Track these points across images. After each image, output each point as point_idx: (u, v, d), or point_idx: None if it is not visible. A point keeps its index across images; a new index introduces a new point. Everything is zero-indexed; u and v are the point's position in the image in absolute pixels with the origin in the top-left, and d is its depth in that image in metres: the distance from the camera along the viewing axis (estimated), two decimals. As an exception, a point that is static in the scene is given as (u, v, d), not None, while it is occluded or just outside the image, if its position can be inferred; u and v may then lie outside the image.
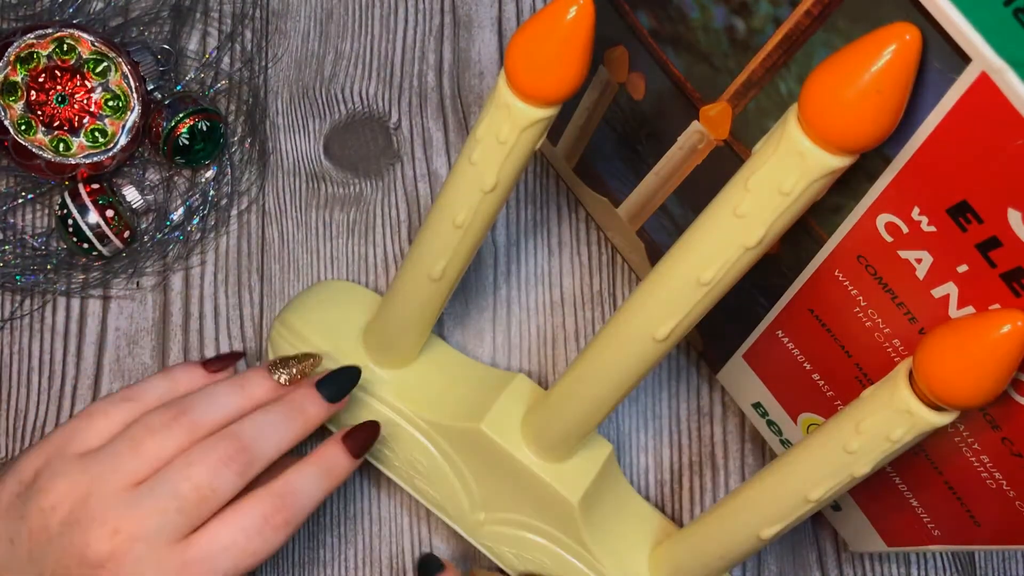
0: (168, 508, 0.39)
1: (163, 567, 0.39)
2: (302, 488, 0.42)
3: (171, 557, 0.39)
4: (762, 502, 0.43)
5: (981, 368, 0.35)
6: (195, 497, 0.39)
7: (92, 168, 0.53)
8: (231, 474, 0.40)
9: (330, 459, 0.43)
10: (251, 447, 0.41)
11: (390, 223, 0.56)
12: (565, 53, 0.36)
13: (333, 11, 0.59)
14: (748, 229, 0.37)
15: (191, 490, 0.39)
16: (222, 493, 0.40)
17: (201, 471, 0.40)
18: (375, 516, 0.52)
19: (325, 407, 0.44)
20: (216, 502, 0.40)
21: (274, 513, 0.41)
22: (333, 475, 0.43)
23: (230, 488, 0.40)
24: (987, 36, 0.31)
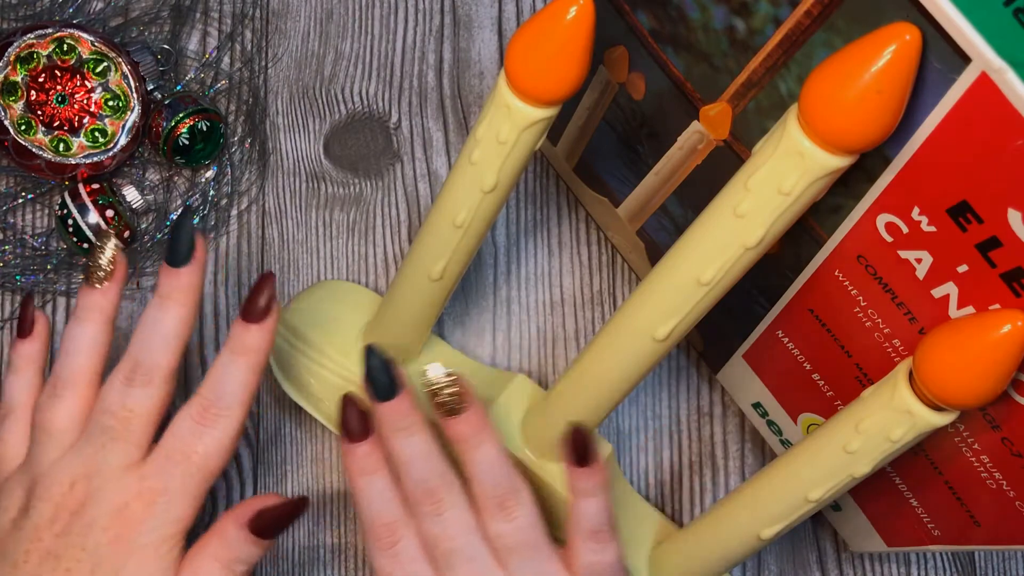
0: (104, 442, 0.41)
1: (123, 489, 0.41)
2: (219, 377, 0.42)
3: (128, 478, 0.41)
4: (762, 502, 0.43)
5: (981, 368, 0.35)
6: (118, 422, 0.41)
7: (92, 168, 0.53)
8: (138, 388, 0.41)
9: (235, 338, 0.42)
10: (141, 355, 0.42)
11: (390, 223, 0.56)
12: (565, 53, 0.36)
13: (333, 11, 0.59)
14: (748, 229, 0.37)
15: (111, 418, 0.41)
16: (141, 409, 0.41)
17: (111, 399, 0.41)
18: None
19: (185, 273, 0.42)
20: (141, 419, 0.41)
21: (202, 411, 0.42)
22: (245, 352, 0.42)
23: (146, 400, 0.42)
24: (987, 36, 0.31)
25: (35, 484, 0.41)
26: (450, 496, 0.41)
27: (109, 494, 0.41)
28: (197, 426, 0.42)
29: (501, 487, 0.42)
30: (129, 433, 0.41)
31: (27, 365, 0.45)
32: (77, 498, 0.41)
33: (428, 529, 0.41)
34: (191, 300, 0.43)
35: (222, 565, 0.41)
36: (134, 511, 0.40)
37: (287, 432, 0.53)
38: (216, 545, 0.42)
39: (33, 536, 0.40)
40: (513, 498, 0.42)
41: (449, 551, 0.41)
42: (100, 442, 0.41)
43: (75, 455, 0.41)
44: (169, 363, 0.42)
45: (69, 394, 0.42)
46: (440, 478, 0.42)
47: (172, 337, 0.42)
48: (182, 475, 0.41)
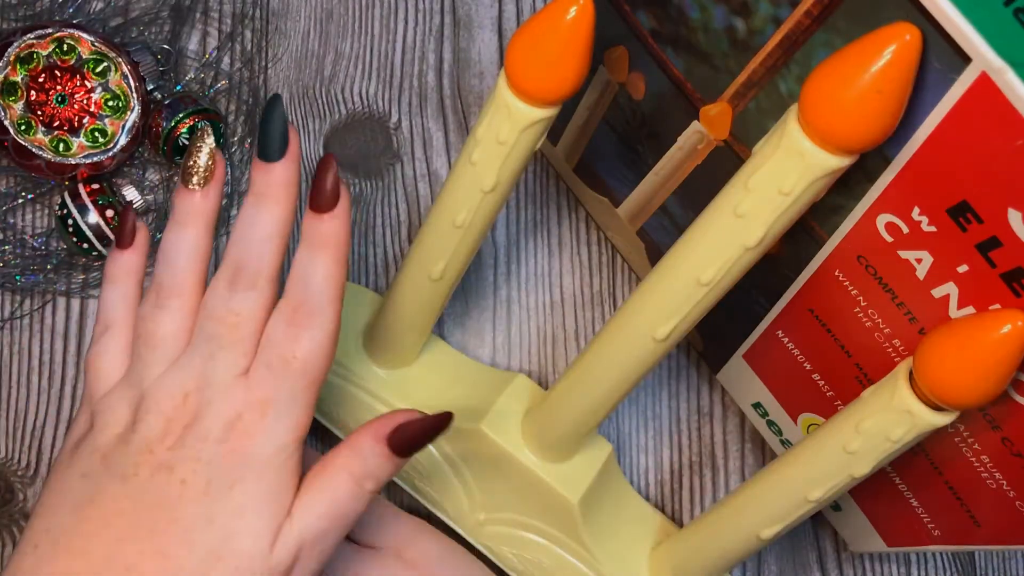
0: (213, 350, 0.39)
1: (233, 400, 0.39)
2: (303, 275, 0.40)
3: (236, 389, 0.39)
4: (762, 502, 0.43)
5: (981, 368, 0.35)
6: (225, 329, 0.39)
7: (92, 168, 0.53)
8: (242, 292, 0.40)
9: (310, 232, 0.40)
10: (242, 258, 0.40)
11: (390, 223, 0.56)
12: (565, 53, 0.36)
13: (333, 11, 0.59)
14: (748, 229, 0.37)
15: (217, 325, 0.39)
16: (249, 314, 0.40)
17: (216, 306, 0.40)
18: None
19: (280, 168, 0.40)
20: (248, 325, 0.40)
21: (293, 313, 0.40)
22: (324, 245, 0.40)
23: (252, 304, 0.40)
24: (987, 36, 0.31)
25: (143, 399, 0.39)
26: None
27: (221, 405, 0.39)
28: (291, 329, 0.39)
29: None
30: (237, 339, 0.39)
31: (126, 277, 0.42)
32: (190, 411, 0.39)
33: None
34: (288, 196, 0.40)
35: (353, 479, 0.40)
36: (247, 423, 0.39)
37: (287, 432, 0.53)
38: (348, 456, 0.40)
39: (144, 449, 0.38)
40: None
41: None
42: (208, 351, 0.39)
43: (183, 367, 0.39)
44: (271, 263, 0.40)
45: (174, 303, 0.40)
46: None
47: (272, 236, 0.40)
48: (287, 384, 0.39)
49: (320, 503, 0.39)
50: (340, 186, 0.40)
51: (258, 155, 0.40)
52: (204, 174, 0.41)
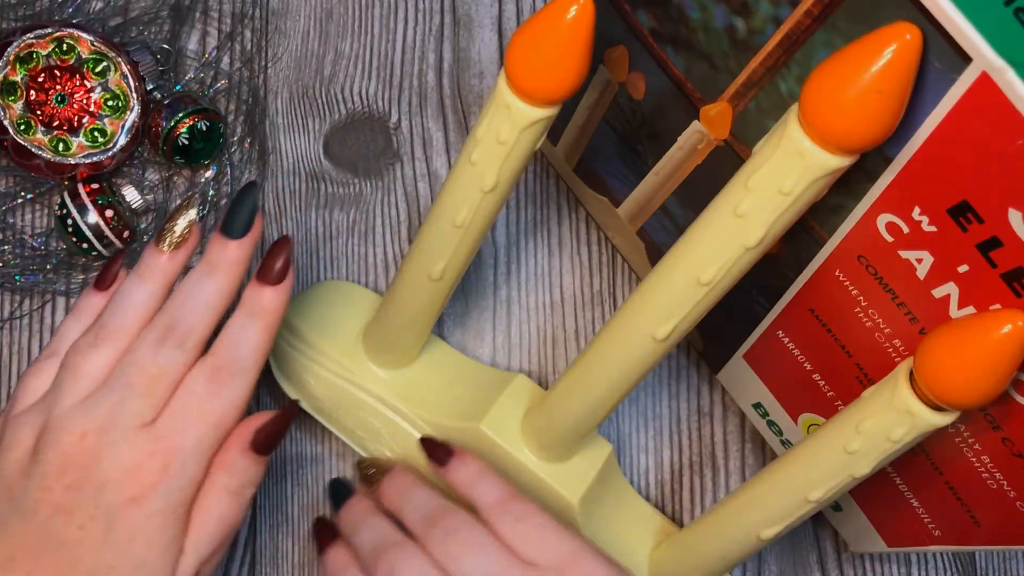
0: (125, 397, 0.41)
1: (137, 448, 0.40)
2: (234, 338, 0.42)
3: (142, 437, 0.40)
4: (762, 502, 0.43)
5: (982, 368, 0.35)
6: (145, 380, 0.41)
7: (91, 168, 0.53)
8: (170, 349, 0.41)
9: (252, 300, 0.43)
10: (179, 317, 0.42)
11: (390, 223, 0.56)
12: (565, 53, 0.36)
13: (333, 11, 0.59)
14: (748, 229, 0.37)
15: (138, 374, 0.41)
16: (169, 369, 0.41)
17: (142, 356, 0.41)
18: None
19: (236, 246, 0.43)
20: (168, 379, 0.41)
21: (215, 372, 0.41)
22: (260, 314, 0.43)
23: (175, 363, 0.41)
24: (988, 36, 0.31)
25: (46, 428, 0.40)
26: (397, 550, 0.42)
27: (122, 452, 0.40)
28: (212, 385, 0.41)
29: (433, 509, 0.43)
30: (151, 392, 0.41)
31: (89, 315, 0.44)
32: (87, 451, 0.40)
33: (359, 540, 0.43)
34: (238, 273, 0.43)
35: (231, 494, 0.42)
36: (148, 472, 0.40)
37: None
38: (223, 476, 0.42)
39: (42, 485, 0.40)
40: (447, 513, 0.43)
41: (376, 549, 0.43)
42: (120, 396, 0.41)
43: (92, 405, 0.41)
44: (204, 329, 0.42)
45: (109, 346, 0.42)
46: (386, 541, 0.42)
47: (212, 306, 0.42)
48: (197, 434, 0.41)
49: (209, 530, 0.41)
50: (290, 267, 0.43)
51: (220, 229, 0.43)
52: (177, 240, 0.43)
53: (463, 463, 0.44)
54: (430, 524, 0.42)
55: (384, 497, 0.45)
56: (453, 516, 0.42)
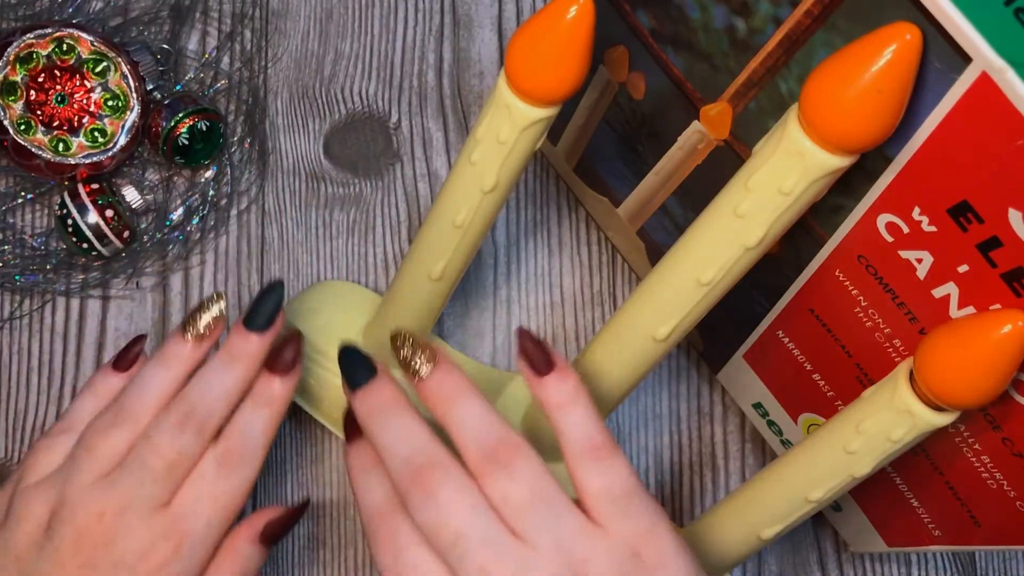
0: (143, 480, 0.41)
1: (152, 530, 0.41)
2: (244, 426, 0.43)
3: (158, 520, 0.41)
4: (762, 502, 0.43)
5: (982, 368, 0.35)
6: (163, 465, 0.41)
7: (91, 168, 0.53)
8: (189, 436, 0.42)
9: (261, 389, 0.44)
10: (198, 405, 0.42)
11: (390, 223, 0.56)
12: (565, 53, 0.36)
13: (333, 11, 0.59)
14: (748, 229, 0.37)
15: (158, 460, 0.41)
16: (187, 455, 0.42)
17: (162, 441, 0.42)
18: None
19: (258, 340, 0.43)
20: (184, 464, 0.42)
21: (224, 456, 0.42)
22: (270, 403, 0.43)
23: (193, 448, 0.42)
24: (988, 36, 0.31)
25: (61, 504, 0.41)
26: (440, 472, 0.38)
27: (138, 533, 0.41)
28: (223, 469, 0.42)
29: (492, 440, 0.38)
30: (168, 476, 0.42)
31: (107, 396, 0.45)
32: (104, 530, 0.41)
33: (424, 520, 0.37)
34: (256, 365, 0.43)
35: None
36: (161, 553, 0.41)
37: (287, 432, 0.53)
38: (229, 561, 0.43)
39: (55, 559, 0.40)
40: (507, 448, 0.38)
41: (455, 539, 0.37)
42: (138, 478, 0.41)
43: (109, 486, 0.41)
44: (222, 416, 0.43)
45: (126, 428, 0.42)
46: (424, 454, 0.38)
47: (230, 394, 0.43)
48: (209, 516, 0.42)
49: None
50: (299, 357, 0.44)
51: (244, 322, 0.44)
52: (203, 331, 0.44)
53: (563, 380, 0.38)
54: (491, 459, 0.38)
55: (428, 398, 0.40)
56: (524, 458, 0.38)
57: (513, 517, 0.37)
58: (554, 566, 0.36)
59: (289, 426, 0.53)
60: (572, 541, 0.37)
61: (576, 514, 0.37)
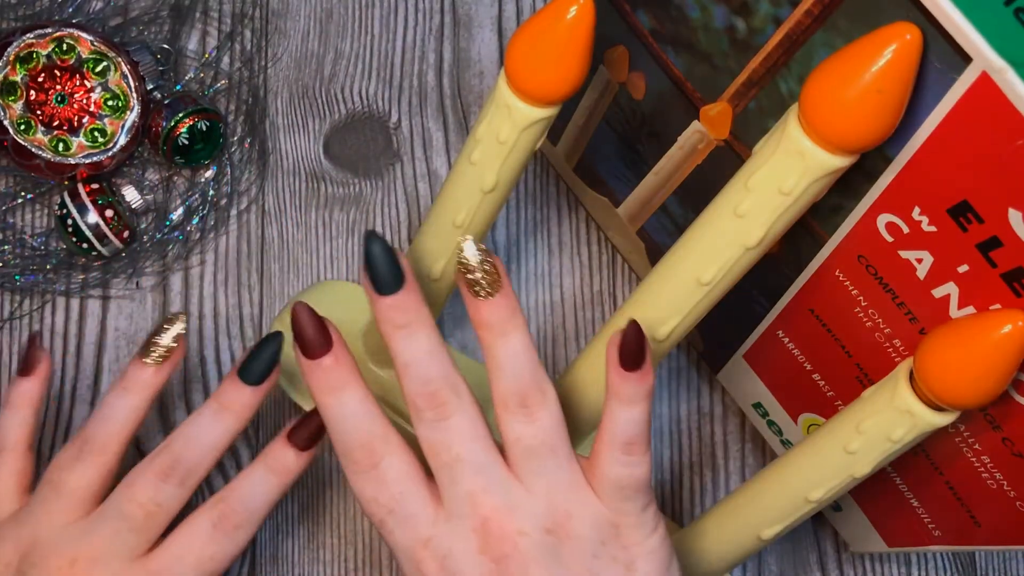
0: (120, 528, 0.40)
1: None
2: (249, 490, 0.42)
3: (133, 571, 0.40)
4: (762, 502, 0.43)
5: (982, 368, 0.35)
6: (142, 514, 0.40)
7: (91, 168, 0.53)
8: (171, 487, 0.41)
9: (276, 457, 0.42)
10: (184, 456, 0.41)
11: (390, 223, 0.56)
12: (565, 53, 0.36)
13: (333, 11, 0.59)
14: (748, 229, 0.37)
15: (136, 508, 0.40)
16: (167, 507, 0.41)
17: (142, 490, 0.41)
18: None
19: (251, 393, 0.42)
20: (164, 516, 0.41)
21: (222, 519, 0.41)
22: (281, 473, 0.42)
23: (174, 500, 0.41)
24: (988, 36, 0.31)
25: (32, 547, 0.40)
26: (456, 400, 0.38)
27: None
28: (216, 532, 0.41)
29: (524, 383, 0.38)
30: (149, 527, 0.41)
31: (25, 403, 0.43)
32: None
33: (429, 436, 0.38)
34: (247, 416, 0.42)
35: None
36: None
37: (287, 432, 0.53)
38: None
39: None
40: (538, 396, 0.38)
41: (453, 460, 0.38)
42: (115, 527, 0.40)
43: (84, 532, 0.40)
44: (207, 468, 0.42)
45: (95, 460, 0.41)
46: (444, 380, 0.38)
47: (217, 447, 0.42)
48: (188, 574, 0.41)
49: None
50: (320, 435, 0.42)
51: (238, 373, 0.42)
52: (163, 354, 0.42)
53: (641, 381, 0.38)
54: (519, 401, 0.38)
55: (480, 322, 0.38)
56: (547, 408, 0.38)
57: (518, 458, 0.38)
58: (539, 509, 0.38)
59: (289, 426, 0.53)
60: (564, 494, 0.38)
61: (576, 472, 0.38)
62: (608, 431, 0.38)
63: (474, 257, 0.38)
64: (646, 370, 0.38)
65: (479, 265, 0.38)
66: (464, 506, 0.38)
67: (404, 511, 0.38)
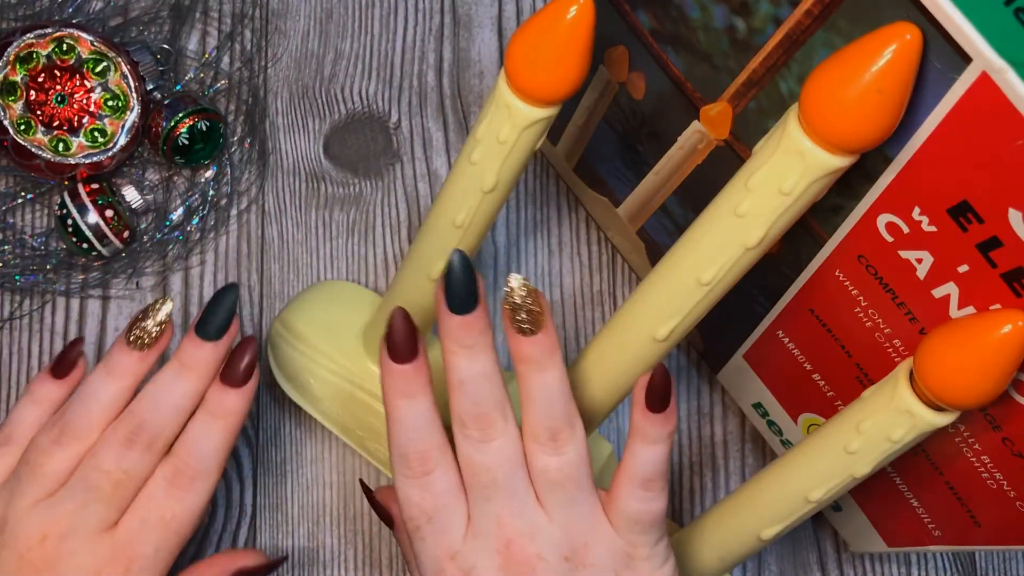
0: (88, 500, 0.40)
1: (97, 555, 0.40)
2: (196, 440, 0.41)
3: (102, 543, 0.40)
4: (762, 502, 0.43)
5: (982, 368, 0.35)
6: (109, 484, 0.40)
7: (91, 168, 0.53)
8: (137, 453, 0.40)
9: (215, 401, 0.41)
10: (148, 420, 0.40)
11: (390, 223, 0.56)
12: (565, 53, 0.36)
13: (333, 11, 0.59)
14: (748, 229, 0.37)
15: (102, 478, 0.40)
16: (135, 474, 0.40)
17: (107, 458, 0.40)
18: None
19: (211, 348, 0.41)
20: (132, 484, 0.40)
21: (176, 475, 0.41)
22: (223, 415, 0.41)
23: (141, 466, 0.40)
24: (988, 36, 0.31)
25: (3, 526, 0.40)
26: (502, 424, 0.40)
27: (82, 558, 0.39)
28: (172, 489, 0.40)
29: (556, 418, 0.40)
30: (115, 497, 0.40)
31: (47, 404, 0.43)
32: (45, 555, 0.39)
33: (471, 455, 0.40)
34: (209, 374, 0.41)
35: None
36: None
37: (287, 432, 0.53)
38: None
39: None
40: (567, 431, 0.40)
41: (489, 482, 0.39)
42: (82, 500, 0.40)
43: (51, 507, 0.40)
44: (172, 433, 0.41)
45: (72, 445, 0.41)
46: (496, 404, 0.40)
47: (181, 408, 0.41)
48: (157, 540, 0.40)
49: None
50: (255, 368, 0.42)
51: (195, 329, 0.41)
52: (149, 340, 0.41)
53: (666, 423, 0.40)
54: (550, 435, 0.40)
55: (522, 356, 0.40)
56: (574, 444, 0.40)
57: (543, 488, 0.40)
58: (559, 537, 0.40)
59: (289, 426, 0.53)
60: (583, 524, 0.40)
61: (596, 505, 0.40)
62: (629, 467, 0.40)
63: (520, 294, 0.40)
64: (670, 412, 0.40)
65: (524, 302, 0.40)
66: (491, 525, 0.40)
67: (441, 522, 0.40)
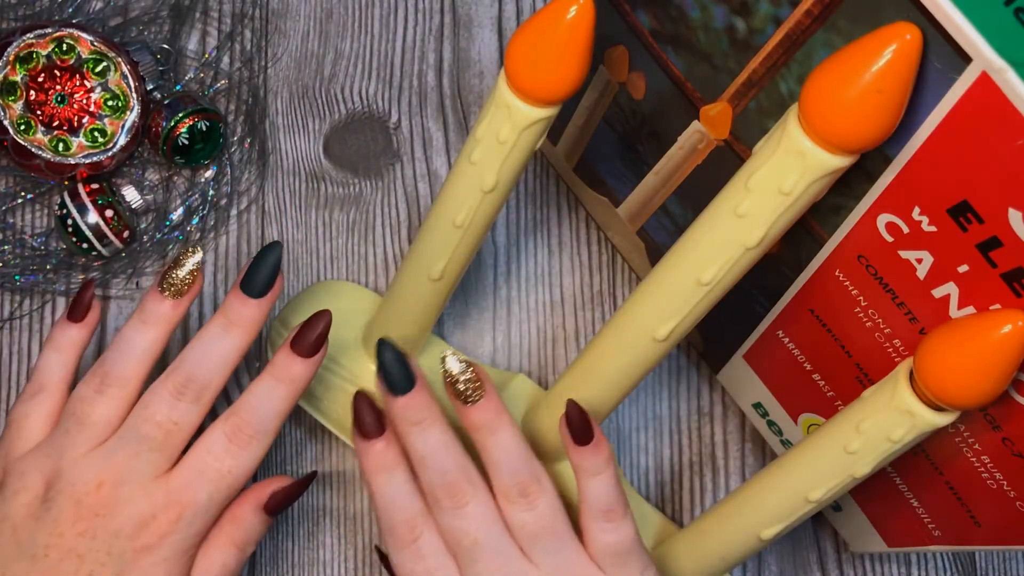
0: (140, 450, 0.41)
1: (153, 500, 0.41)
2: (259, 401, 0.42)
3: (157, 489, 0.41)
4: (762, 502, 0.43)
5: (982, 368, 0.35)
6: (161, 434, 0.41)
7: (91, 168, 0.53)
8: (186, 403, 0.42)
9: (282, 366, 0.43)
10: (196, 373, 0.42)
11: (390, 223, 0.56)
12: (565, 53, 0.36)
13: (333, 11, 0.59)
14: (748, 229, 0.37)
15: (154, 428, 0.41)
16: (184, 424, 0.42)
17: (158, 409, 0.42)
18: (375, 517, 0.52)
19: (256, 305, 0.43)
20: (182, 433, 0.42)
21: (236, 431, 0.42)
22: (288, 381, 0.43)
23: (190, 416, 0.42)
24: (988, 36, 0.31)
25: (58, 475, 0.41)
26: (471, 489, 0.42)
27: (138, 503, 0.41)
28: (231, 444, 0.42)
29: (521, 474, 0.42)
30: (167, 445, 0.42)
31: (70, 348, 0.44)
32: (102, 500, 0.41)
33: (449, 524, 0.42)
34: (255, 331, 0.43)
35: (237, 547, 0.43)
36: (160, 523, 0.41)
37: (287, 432, 0.53)
38: (232, 530, 0.43)
39: (54, 531, 0.40)
40: (534, 485, 0.42)
41: (472, 545, 0.41)
42: (135, 449, 0.41)
43: (106, 456, 0.41)
44: (220, 383, 0.43)
45: (115, 392, 0.42)
46: (460, 471, 0.42)
47: (228, 361, 0.43)
48: (211, 491, 0.42)
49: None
50: (325, 341, 0.43)
51: (241, 286, 0.43)
52: (181, 287, 0.43)
53: (597, 453, 0.42)
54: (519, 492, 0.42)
55: (472, 424, 0.42)
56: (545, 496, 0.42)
57: (525, 542, 0.42)
58: None
59: (289, 426, 0.53)
60: (572, 570, 0.42)
61: (578, 548, 0.42)
62: (586, 504, 0.42)
63: (457, 369, 0.42)
64: (598, 440, 0.42)
65: (462, 376, 0.42)
66: None
67: None
